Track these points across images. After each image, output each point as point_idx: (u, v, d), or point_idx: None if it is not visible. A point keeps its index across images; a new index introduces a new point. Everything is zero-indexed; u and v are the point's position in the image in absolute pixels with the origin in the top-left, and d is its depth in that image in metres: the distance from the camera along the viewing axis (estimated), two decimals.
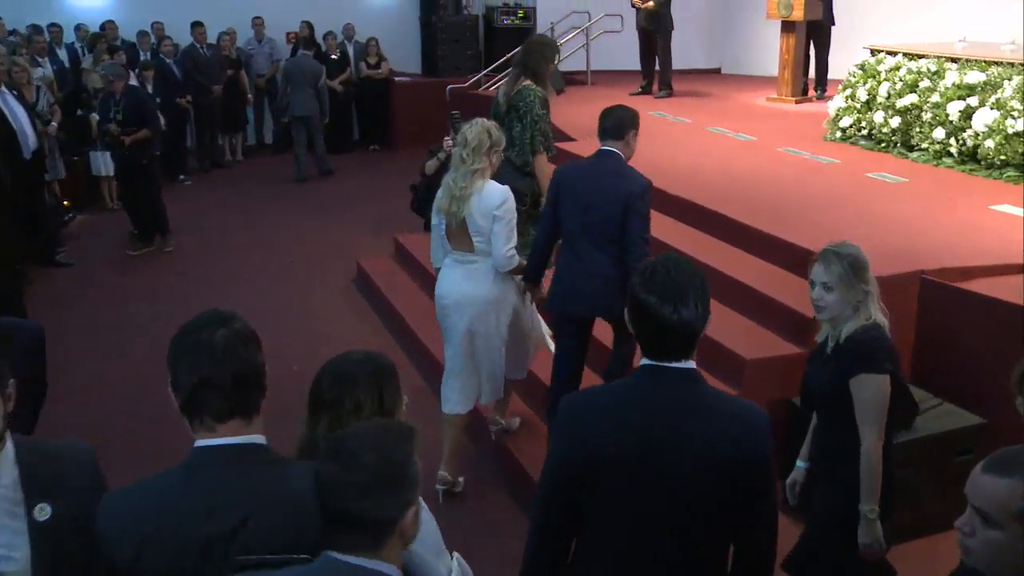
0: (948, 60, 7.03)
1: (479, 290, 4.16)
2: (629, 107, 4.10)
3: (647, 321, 2.04)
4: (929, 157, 6.84)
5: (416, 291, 6.84)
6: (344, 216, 9.46)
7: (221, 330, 1.80)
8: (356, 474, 1.64)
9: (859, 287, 2.86)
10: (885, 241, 5.02)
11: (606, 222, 3.93)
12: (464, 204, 4.07)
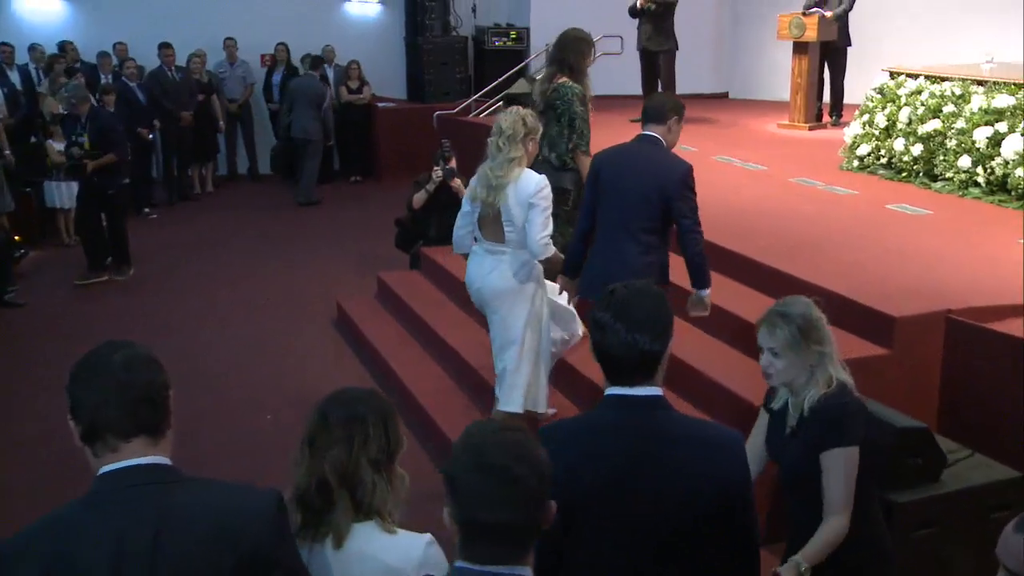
0: (974, 83, 7.11)
1: (502, 282, 4.43)
2: (676, 97, 4.29)
3: (604, 345, 2.17)
4: (954, 187, 6.89)
5: (401, 334, 6.83)
6: (323, 253, 9.48)
7: (120, 351, 1.90)
8: (508, 488, 1.69)
9: (812, 349, 2.82)
10: (907, 278, 5.03)
11: (641, 208, 4.13)
12: (500, 193, 4.30)
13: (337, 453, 2.13)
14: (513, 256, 4.42)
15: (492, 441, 1.74)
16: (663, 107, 4.26)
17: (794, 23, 9.53)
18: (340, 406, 2.19)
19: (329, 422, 2.17)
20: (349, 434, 2.14)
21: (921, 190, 7.09)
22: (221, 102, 12.30)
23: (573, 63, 5.35)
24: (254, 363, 6.77)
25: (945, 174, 7.01)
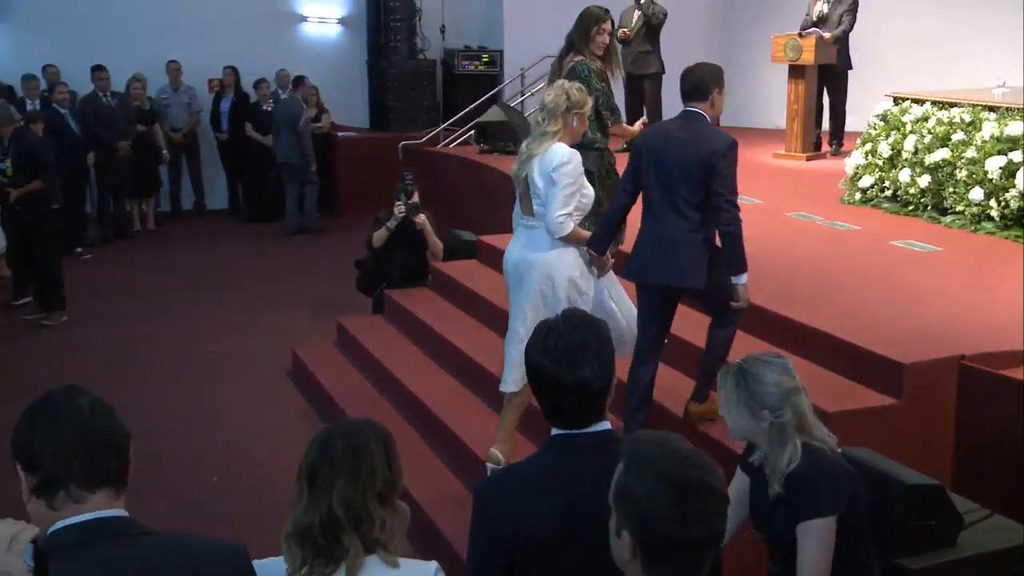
0: (985, 109, 7.23)
1: (534, 255, 4.59)
2: (711, 63, 4.56)
3: (544, 386, 2.27)
4: (966, 222, 6.98)
5: (364, 386, 6.80)
6: (278, 297, 9.46)
7: (84, 396, 1.96)
8: (709, 502, 1.78)
9: (762, 415, 2.86)
10: (916, 321, 5.07)
11: (686, 185, 4.33)
12: (526, 165, 4.54)
13: (344, 487, 2.17)
14: (544, 231, 4.58)
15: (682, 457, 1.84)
16: (703, 81, 4.43)
17: (790, 45, 9.66)
18: (342, 436, 2.23)
19: (333, 454, 2.20)
20: (355, 466, 2.18)
21: (929, 225, 7.17)
22: (164, 131, 12.30)
23: (576, 40, 5.70)
24: (199, 420, 6.70)
25: (955, 207, 7.09)
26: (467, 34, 13.68)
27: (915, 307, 5.32)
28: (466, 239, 8.22)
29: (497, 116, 10.99)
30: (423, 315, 7.17)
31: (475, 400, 6.01)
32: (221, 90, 12.83)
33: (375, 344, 7.13)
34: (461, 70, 13.17)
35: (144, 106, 12.00)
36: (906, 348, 4.65)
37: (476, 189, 10.38)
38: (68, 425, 1.91)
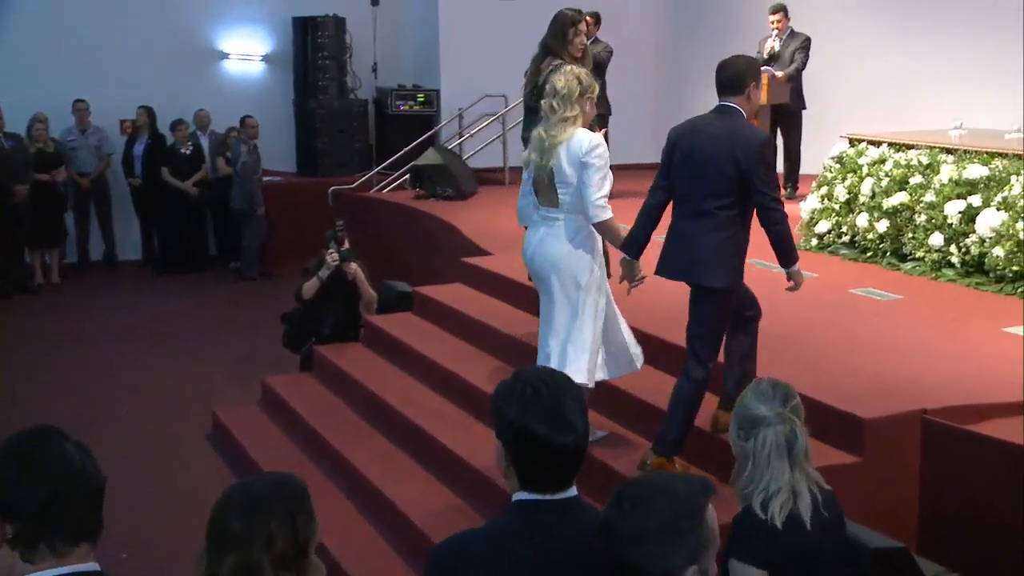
0: (943, 151, 7.44)
1: (556, 248, 4.81)
2: (747, 56, 4.76)
3: (532, 451, 2.26)
4: (926, 268, 7.15)
5: (291, 450, 6.74)
6: (197, 354, 9.37)
7: (67, 442, 1.98)
8: (645, 522, 1.97)
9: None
10: (877, 374, 5.17)
11: (717, 183, 4.49)
12: (552, 154, 4.73)
13: (235, 558, 2.16)
14: (567, 221, 4.81)
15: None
16: (738, 75, 4.57)
17: None
18: (238, 503, 2.23)
19: (228, 518, 2.19)
20: (248, 535, 2.17)
21: (889, 272, 7.34)
22: (70, 175, 12.18)
23: (551, 44, 6.09)
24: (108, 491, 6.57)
25: (915, 253, 7.27)
26: (401, 72, 13.78)
27: (875, 359, 5.42)
28: (401, 290, 8.23)
29: (433, 159, 11.07)
30: (355, 373, 7.14)
31: (412, 465, 5.98)
32: (134, 132, 12.75)
33: (303, 405, 7.07)
34: (395, 110, 13.26)
35: (47, 148, 11.87)
36: (866, 403, 4.73)
37: (412, 237, 10.42)
38: (54, 473, 1.88)
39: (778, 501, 2.95)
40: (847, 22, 11.20)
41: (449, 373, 6.58)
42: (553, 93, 4.79)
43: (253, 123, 12.26)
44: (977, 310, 6.33)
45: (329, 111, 13.22)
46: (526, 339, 6.52)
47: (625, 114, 11.75)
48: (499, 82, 12.38)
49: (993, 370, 5.20)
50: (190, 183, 12.42)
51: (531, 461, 2.28)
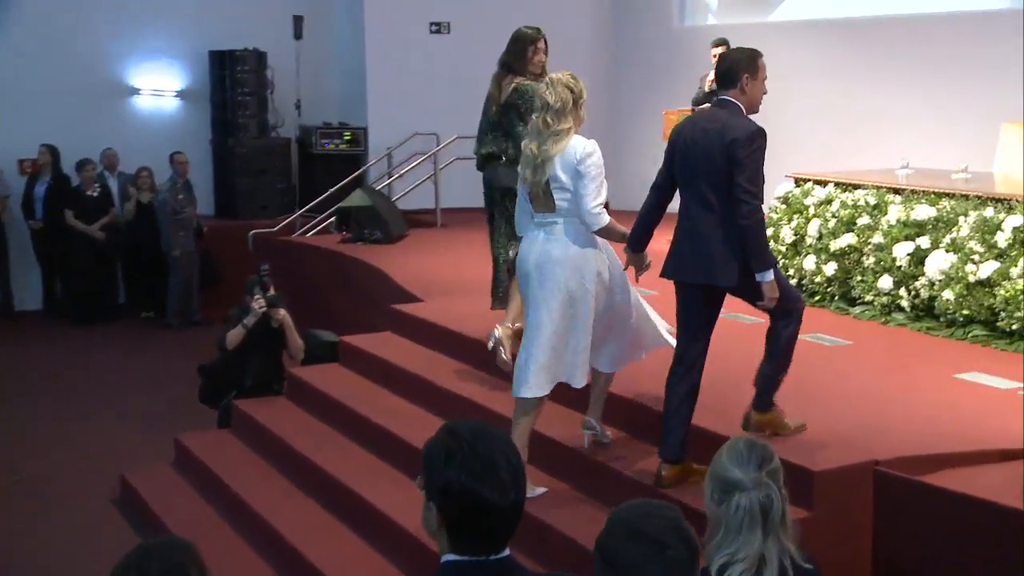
0: (890, 191, 7.61)
1: (560, 248, 5.02)
2: (748, 48, 4.93)
3: (470, 513, 2.25)
4: (875, 312, 7.29)
5: (206, 512, 6.67)
6: (103, 411, 9.24)
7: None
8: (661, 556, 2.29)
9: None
10: (827, 424, 5.24)
11: (714, 177, 4.69)
12: (545, 168, 5.01)
13: None
14: (567, 224, 5.05)
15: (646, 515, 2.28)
16: (730, 68, 4.81)
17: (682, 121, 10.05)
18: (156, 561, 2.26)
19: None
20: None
21: (838, 316, 7.47)
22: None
23: (510, 61, 6.42)
24: (3, 565, 6.42)
25: (864, 297, 7.42)
26: (326, 110, 13.81)
27: (824, 408, 5.50)
28: (327, 340, 8.20)
29: (361, 200, 11.08)
30: (277, 428, 7.08)
31: (339, 526, 5.94)
32: (35, 172, 12.58)
33: (220, 464, 6.99)
34: (320, 149, 13.25)
35: None
36: (816, 454, 4.80)
37: (338, 283, 10.38)
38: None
39: (737, 569, 2.87)
40: (791, 60, 11.45)
41: (378, 428, 6.55)
42: (546, 107, 5.00)
43: (182, 159, 12.26)
44: (928, 355, 6.46)
45: (249, 150, 13.18)
46: (460, 391, 6.54)
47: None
48: (430, 120, 12.47)
49: (946, 418, 5.30)
50: (97, 226, 12.28)
51: (464, 522, 2.28)
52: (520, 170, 5.19)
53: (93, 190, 12.36)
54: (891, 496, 4.69)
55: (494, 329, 5.87)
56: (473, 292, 8.51)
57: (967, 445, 4.92)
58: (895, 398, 5.68)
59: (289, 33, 13.35)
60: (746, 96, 4.81)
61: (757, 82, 4.82)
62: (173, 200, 12.00)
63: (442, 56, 12.97)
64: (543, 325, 5.01)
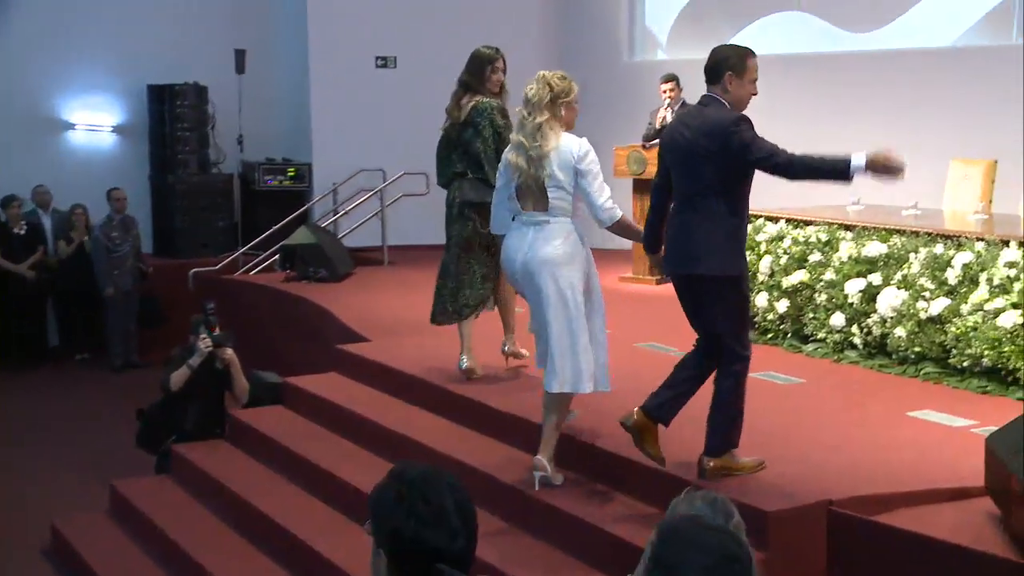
0: (841, 227, 7.73)
1: (551, 250, 5.23)
2: (735, 45, 5.18)
3: (419, 560, 2.24)
4: (828, 350, 7.38)
5: (144, 563, 6.57)
6: (32, 457, 9.12)
7: None
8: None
9: None
10: (780, 464, 5.28)
11: (698, 172, 4.89)
12: (543, 163, 5.21)
13: None
14: (558, 224, 5.28)
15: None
16: (715, 65, 4.97)
17: (633, 157, 10.15)
18: None
19: None
20: None
21: (791, 354, 7.56)
22: None
23: (471, 82, 6.71)
24: None
25: (816, 334, 7.51)
26: (270, 145, 13.79)
27: (778, 448, 5.54)
28: (270, 382, 8.15)
29: (305, 238, 11.06)
30: (219, 474, 7.02)
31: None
32: None
33: (158, 511, 6.90)
34: (263, 186, 13.22)
35: None
36: (769, 495, 4.84)
37: (282, 323, 10.34)
38: None
39: None
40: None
41: (324, 472, 6.51)
42: (525, 102, 5.30)
43: (119, 195, 12.19)
44: (881, 393, 6.54)
45: (189, 186, 13.13)
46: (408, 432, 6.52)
47: None
48: (376, 155, 12.52)
49: (899, 457, 5.37)
50: (25, 266, 12.13)
51: (414, 569, 2.27)
52: (506, 159, 5.40)
53: (20, 228, 12.23)
54: (845, 536, 4.74)
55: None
56: (421, 331, 8.50)
57: (920, 484, 4.98)
58: (848, 437, 5.75)
59: (231, 67, 13.34)
60: (730, 95, 4.94)
61: (743, 82, 4.94)
62: (106, 238, 11.92)
63: (388, 91, 13.04)
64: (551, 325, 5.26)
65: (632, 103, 11.79)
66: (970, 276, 6.61)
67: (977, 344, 6.35)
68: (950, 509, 4.80)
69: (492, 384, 6.84)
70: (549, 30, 13.28)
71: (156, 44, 13.35)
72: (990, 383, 6.38)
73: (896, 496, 4.86)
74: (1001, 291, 6.39)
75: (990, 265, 6.52)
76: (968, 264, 6.64)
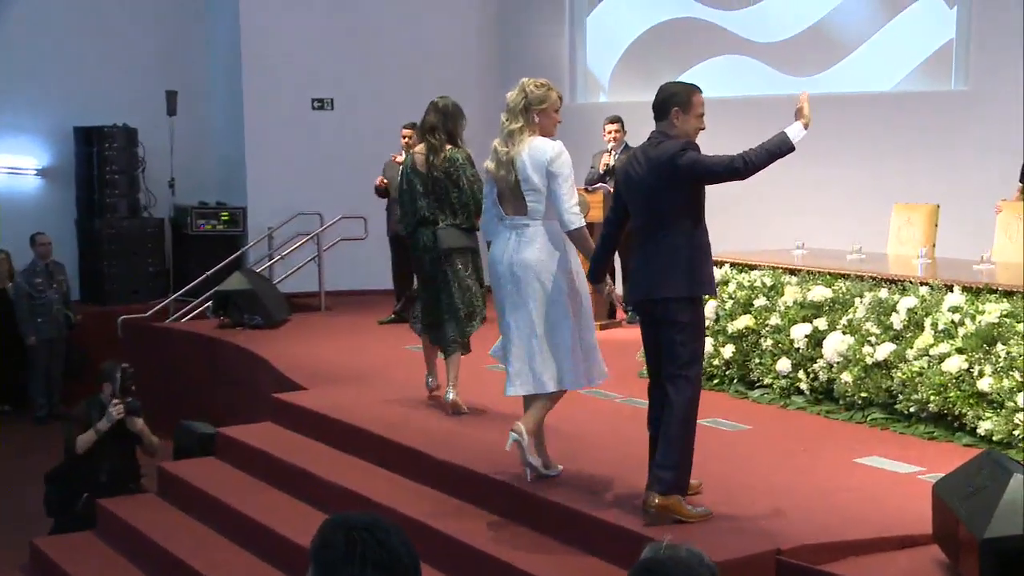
0: (786, 272, 7.82)
1: (533, 254, 5.53)
2: (682, 82, 5.49)
3: None
4: (775, 396, 7.44)
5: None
6: None
7: None
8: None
9: None
10: (727, 512, 5.30)
11: (650, 204, 5.15)
12: (514, 165, 5.51)
13: None
14: (538, 226, 5.56)
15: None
16: (662, 102, 5.24)
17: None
18: None
19: None
20: None
21: (737, 400, 7.61)
22: None
23: (452, 131, 7.16)
24: None
25: (763, 380, 7.57)
26: (202, 189, 13.72)
27: (725, 496, 5.56)
28: (202, 432, 8.06)
29: (240, 284, 10.98)
30: (147, 529, 6.89)
31: None
32: None
33: (82, 570, 6.78)
34: (195, 230, 13.13)
35: None
36: (716, 543, 4.83)
37: (215, 371, 10.23)
38: None
39: None
40: None
41: (259, 526, 6.42)
42: (505, 107, 5.63)
43: (43, 240, 12.02)
44: (828, 440, 6.60)
45: (118, 231, 13.01)
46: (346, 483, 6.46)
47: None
48: (313, 199, 12.49)
49: (847, 504, 5.41)
50: None
51: None
52: (487, 163, 5.73)
53: None
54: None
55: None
56: (360, 379, 8.49)
57: (869, 532, 5.02)
58: (796, 484, 5.79)
59: (162, 109, 13.27)
60: (677, 129, 5.19)
61: (689, 116, 5.20)
62: (29, 284, 11.75)
63: (326, 133, 13.04)
64: (534, 327, 5.54)
65: (574, 146, 11.70)
66: (915, 321, 6.71)
67: (923, 389, 6.44)
68: (899, 557, 4.85)
69: (433, 433, 6.82)
70: (490, 72, 13.36)
71: (83, 84, 13.28)
72: (937, 428, 6.46)
73: (845, 544, 4.89)
74: (946, 336, 6.49)
75: (934, 310, 6.62)
76: (913, 309, 6.74)
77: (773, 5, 11.67)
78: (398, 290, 10.92)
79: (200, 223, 13.15)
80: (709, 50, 12.11)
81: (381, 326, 10.73)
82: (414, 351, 9.43)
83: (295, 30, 12.93)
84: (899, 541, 4.96)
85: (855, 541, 4.93)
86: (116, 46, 13.51)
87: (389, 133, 10.91)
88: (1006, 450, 5.88)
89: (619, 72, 12.84)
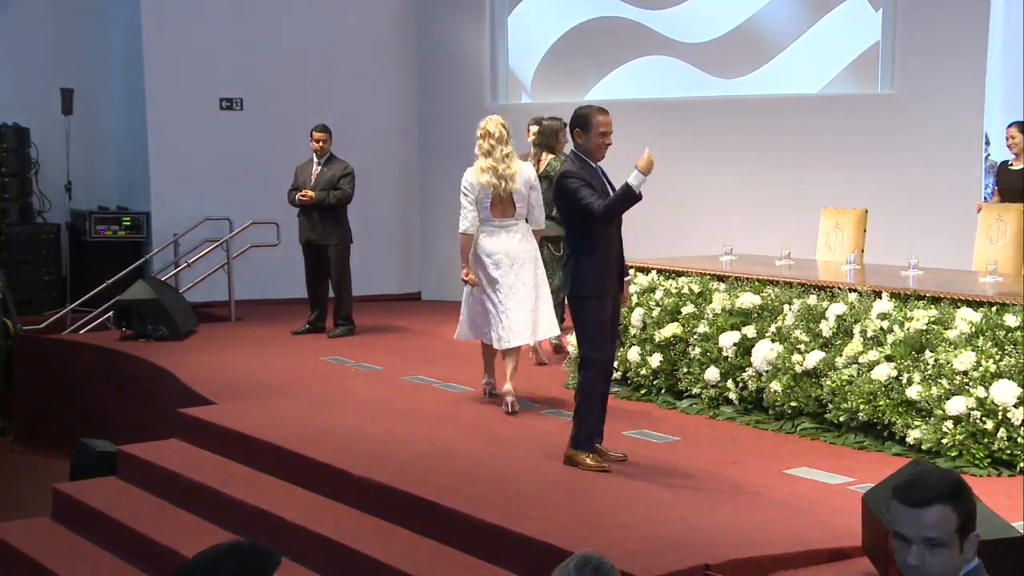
0: (714, 278, 7.92)
1: (525, 244, 7.75)
2: (590, 105, 6.59)
3: None
4: (703, 406, 7.54)
5: None
6: None
7: None
8: None
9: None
10: (654, 527, 5.36)
11: (561, 212, 6.80)
12: (512, 180, 7.61)
13: None
14: (524, 225, 7.77)
15: None
16: (570, 122, 6.40)
17: None
18: None
19: None
20: None
21: (665, 410, 7.69)
22: None
23: (551, 143, 9.17)
24: None
25: (691, 390, 7.66)
26: (102, 193, 13.51)
27: (652, 509, 5.62)
28: (102, 450, 7.95)
29: (143, 293, 10.82)
30: (39, 555, 6.75)
31: None
32: None
33: None
34: (94, 236, 12.90)
35: None
36: (643, 559, 4.89)
37: (116, 386, 10.08)
38: None
39: None
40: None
41: (165, 549, 6.33)
42: (487, 136, 7.60)
43: None
44: (758, 450, 6.70)
45: (9, 238, 12.75)
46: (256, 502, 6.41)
47: (368, 241, 11.93)
48: (221, 203, 12.36)
49: (776, 517, 5.49)
50: None
51: None
52: (478, 181, 7.61)
53: None
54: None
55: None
56: (272, 393, 8.42)
57: (798, 545, 5.10)
58: (725, 497, 5.86)
59: (56, 107, 13.05)
60: (582, 146, 6.31)
61: (590, 136, 6.26)
62: None
63: (235, 134, 12.88)
64: (519, 289, 7.61)
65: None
66: (844, 328, 6.84)
67: (852, 398, 6.57)
68: (828, 571, 4.94)
69: (350, 449, 6.79)
70: (408, 71, 13.35)
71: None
72: (867, 438, 6.60)
73: (774, 559, 4.97)
74: (875, 343, 6.63)
75: (863, 316, 6.76)
76: (841, 315, 6.87)
77: (699, 5, 11.80)
78: (312, 299, 10.86)
79: (100, 229, 12.92)
80: (634, 50, 12.21)
81: (295, 336, 10.67)
82: (331, 362, 9.41)
83: (201, 24, 12.73)
84: (829, 554, 5.05)
85: (784, 555, 5.00)
86: (5, 39, 13.23)
87: (302, 134, 10.86)
88: (935, 459, 6.03)
89: (541, 73, 12.89)
